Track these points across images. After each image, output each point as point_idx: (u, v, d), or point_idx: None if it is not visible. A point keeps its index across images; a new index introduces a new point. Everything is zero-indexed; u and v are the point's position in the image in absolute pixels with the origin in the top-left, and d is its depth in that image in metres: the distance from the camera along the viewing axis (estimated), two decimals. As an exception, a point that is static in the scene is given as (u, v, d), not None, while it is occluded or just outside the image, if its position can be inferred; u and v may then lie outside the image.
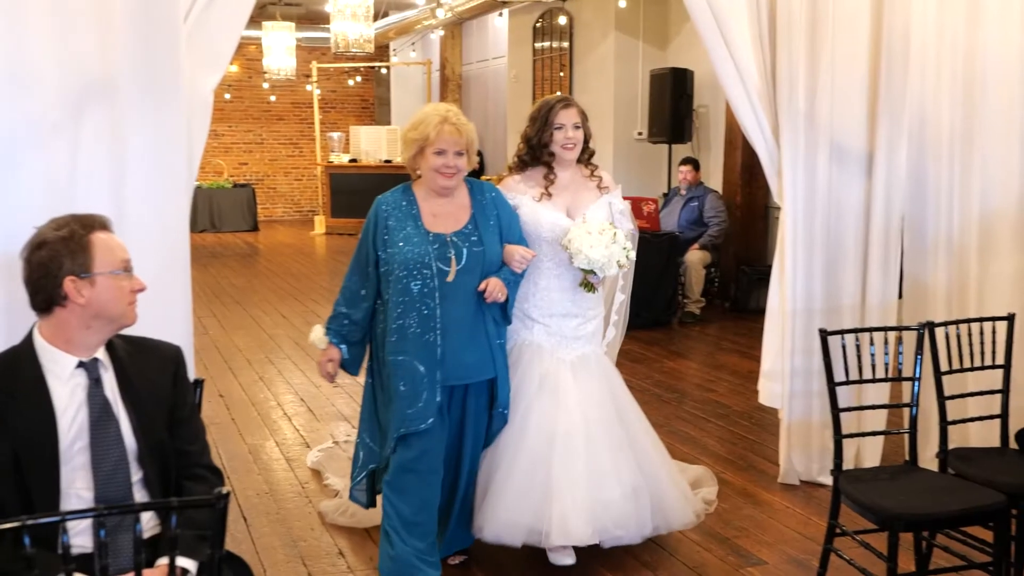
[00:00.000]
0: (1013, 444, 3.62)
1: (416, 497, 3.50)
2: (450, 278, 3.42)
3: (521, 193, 3.75)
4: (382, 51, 17.42)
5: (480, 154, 14.72)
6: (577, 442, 3.59)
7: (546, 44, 12.89)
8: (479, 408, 3.63)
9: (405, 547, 3.49)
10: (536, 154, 3.75)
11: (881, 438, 4.59)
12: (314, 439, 5.34)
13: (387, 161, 15.65)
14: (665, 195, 9.70)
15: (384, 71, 18.61)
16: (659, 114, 9.98)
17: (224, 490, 1.94)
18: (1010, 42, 4.39)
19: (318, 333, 3.62)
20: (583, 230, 3.58)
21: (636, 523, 3.64)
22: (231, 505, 2.04)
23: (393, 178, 17.99)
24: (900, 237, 4.56)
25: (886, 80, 4.41)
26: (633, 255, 3.69)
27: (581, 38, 11.89)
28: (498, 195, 3.66)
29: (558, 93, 3.75)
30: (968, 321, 3.67)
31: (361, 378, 3.76)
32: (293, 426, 5.62)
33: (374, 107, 19.31)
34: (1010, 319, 3.67)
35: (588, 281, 3.69)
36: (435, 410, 3.45)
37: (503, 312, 3.62)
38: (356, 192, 15.46)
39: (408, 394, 3.45)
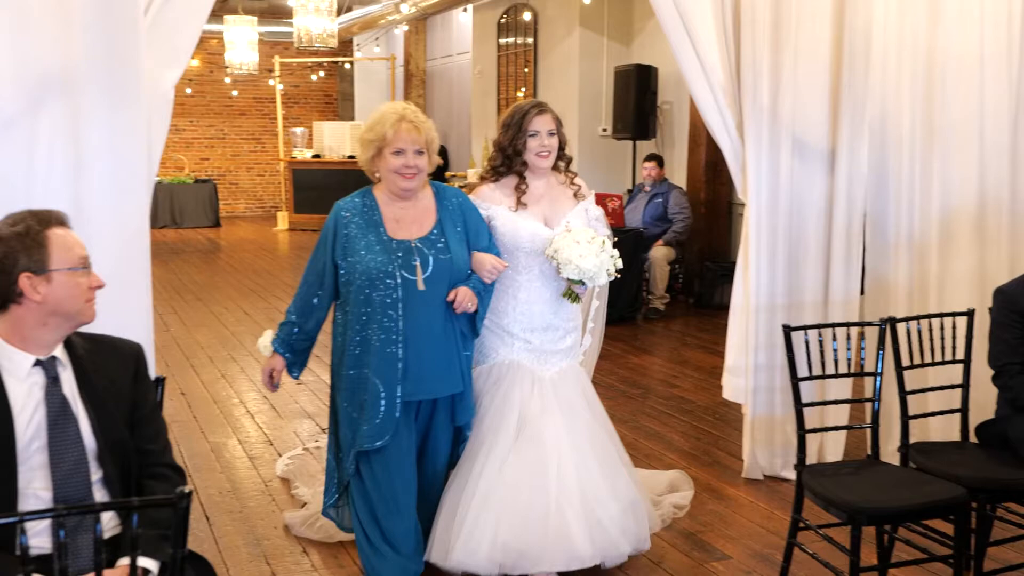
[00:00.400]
0: (973, 438, 3.67)
1: (385, 517, 3.37)
2: (420, 286, 3.27)
3: (496, 203, 3.61)
4: (346, 46, 17.32)
5: (444, 150, 14.68)
6: (568, 461, 3.47)
7: (511, 40, 12.87)
8: (445, 424, 3.50)
9: (385, 564, 3.37)
10: (510, 162, 3.62)
11: (843, 433, 4.64)
12: (277, 436, 5.30)
13: (351, 157, 15.52)
14: (629, 191, 9.73)
15: (348, 66, 18.49)
16: (623, 110, 10.01)
17: (186, 489, 1.91)
18: (969, 42, 4.45)
19: (265, 339, 3.50)
20: (570, 240, 3.45)
21: (636, 538, 3.58)
22: (193, 504, 2.01)
23: (357, 174, 17.88)
24: (862, 233, 4.60)
25: (848, 77, 4.45)
26: (621, 263, 3.55)
27: (546, 34, 11.89)
28: (465, 200, 3.51)
29: (532, 99, 3.72)
30: (929, 317, 3.72)
31: (309, 376, 3.68)
32: (256, 424, 5.56)
33: (337, 102, 19.19)
34: (970, 315, 3.72)
35: (573, 291, 3.58)
36: (393, 427, 3.30)
37: (471, 324, 3.46)
38: (319, 188, 15.38)
39: (365, 410, 3.31)
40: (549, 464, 3.45)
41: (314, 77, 18.66)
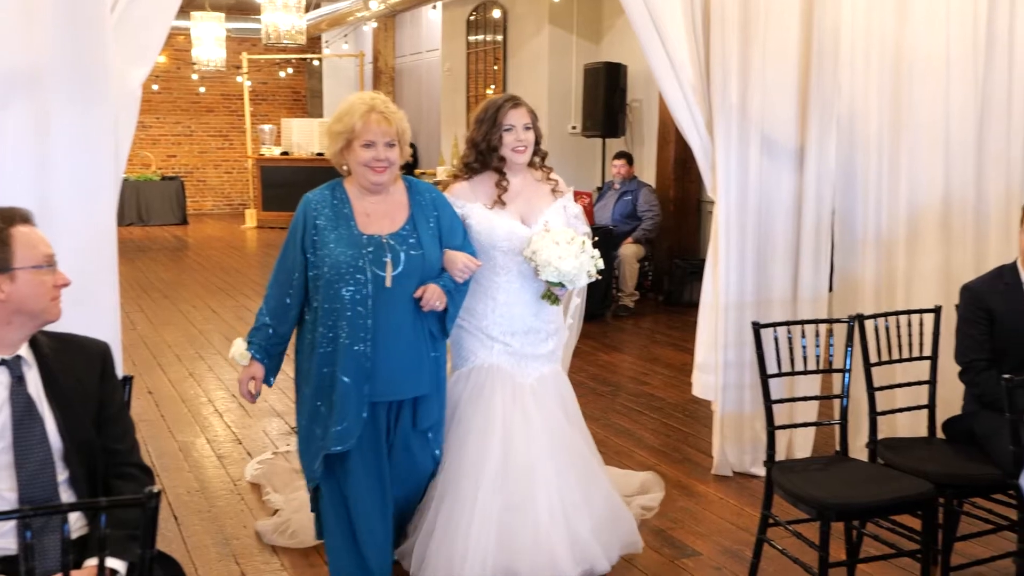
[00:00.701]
0: (940, 434, 3.71)
1: (355, 520, 3.28)
2: (388, 283, 3.14)
3: (471, 201, 3.48)
4: (314, 43, 17.22)
5: (413, 147, 14.65)
6: (551, 478, 3.38)
7: (480, 37, 12.85)
8: (410, 428, 3.34)
9: (354, 567, 3.29)
10: (485, 159, 3.48)
11: (812, 429, 4.68)
12: (246, 435, 5.26)
13: (319, 154, 15.44)
14: (599, 189, 9.75)
15: (316, 63, 18.39)
16: (593, 108, 10.03)
17: (155, 489, 1.89)
18: (936, 42, 4.49)
19: (240, 348, 3.28)
20: (549, 240, 3.32)
21: (621, 546, 3.54)
22: (161, 504, 1.98)
23: (325, 171, 17.77)
24: (830, 231, 4.64)
25: (816, 76, 4.48)
26: (602, 263, 3.42)
27: (515, 32, 11.88)
28: (438, 196, 3.38)
29: (506, 93, 3.68)
30: (896, 313, 3.75)
31: (279, 374, 3.54)
32: (224, 422, 5.52)
33: (306, 99, 19.07)
34: (937, 311, 3.76)
35: (552, 293, 3.46)
36: (359, 429, 3.18)
37: (441, 324, 3.33)
38: (287, 185, 15.25)
39: (335, 410, 3.18)
40: (536, 484, 3.35)
41: (282, 74, 18.51)
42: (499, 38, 12.26)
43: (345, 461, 3.26)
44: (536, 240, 3.36)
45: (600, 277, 3.47)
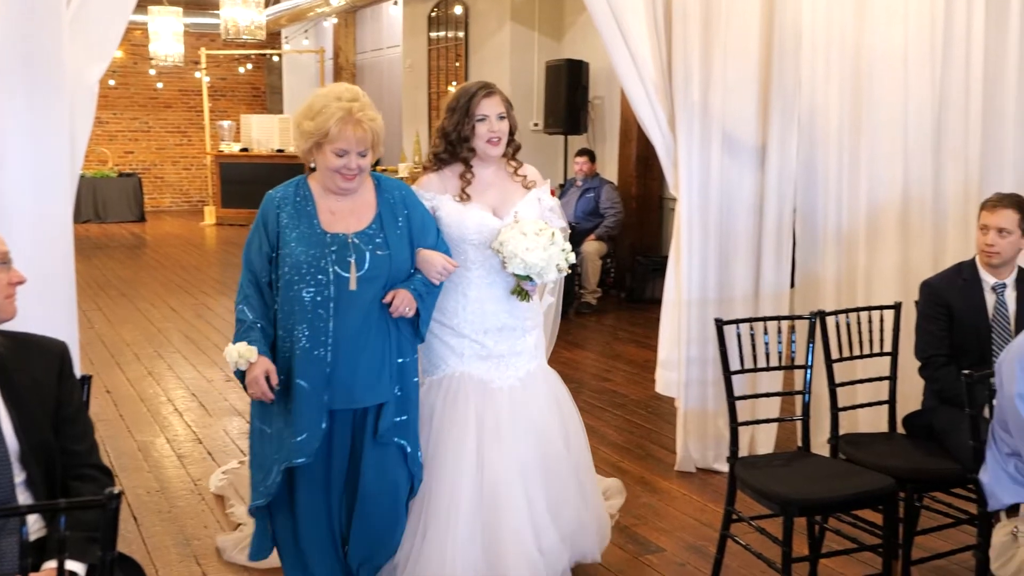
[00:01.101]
0: (901, 429, 3.75)
1: (306, 539, 3.11)
2: (352, 285, 2.95)
3: (440, 192, 3.30)
4: (274, 38, 17.06)
5: (375, 144, 14.52)
6: (517, 490, 3.22)
7: (441, 34, 12.81)
8: (372, 440, 3.10)
9: None
10: (455, 149, 3.30)
11: (775, 425, 4.71)
12: (207, 435, 5.19)
13: (279, 151, 15.33)
14: (561, 186, 9.75)
15: (276, 59, 18.22)
16: (555, 105, 10.03)
17: (115, 490, 1.85)
18: (895, 41, 4.54)
19: (240, 348, 2.94)
20: (516, 231, 3.17)
21: (582, 555, 3.44)
22: (120, 504, 1.96)
23: (286, 168, 17.57)
24: (792, 228, 4.68)
25: (777, 74, 4.52)
26: (573, 257, 3.27)
27: (477, 28, 11.85)
28: (408, 193, 3.18)
29: (479, 80, 3.41)
30: (857, 310, 3.79)
31: None
32: (184, 422, 5.44)
33: (266, 95, 18.89)
34: (897, 308, 3.80)
35: (522, 288, 3.28)
36: (319, 439, 2.99)
37: (414, 328, 3.13)
38: (247, 182, 15.12)
39: (293, 419, 2.98)
40: (502, 509, 3.19)
41: (241, 70, 18.33)
42: (461, 34, 12.22)
43: (300, 475, 3.06)
44: (504, 231, 3.21)
45: (571, 271, 3.36)
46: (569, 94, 9.80)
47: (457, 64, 12.39)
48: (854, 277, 4.67)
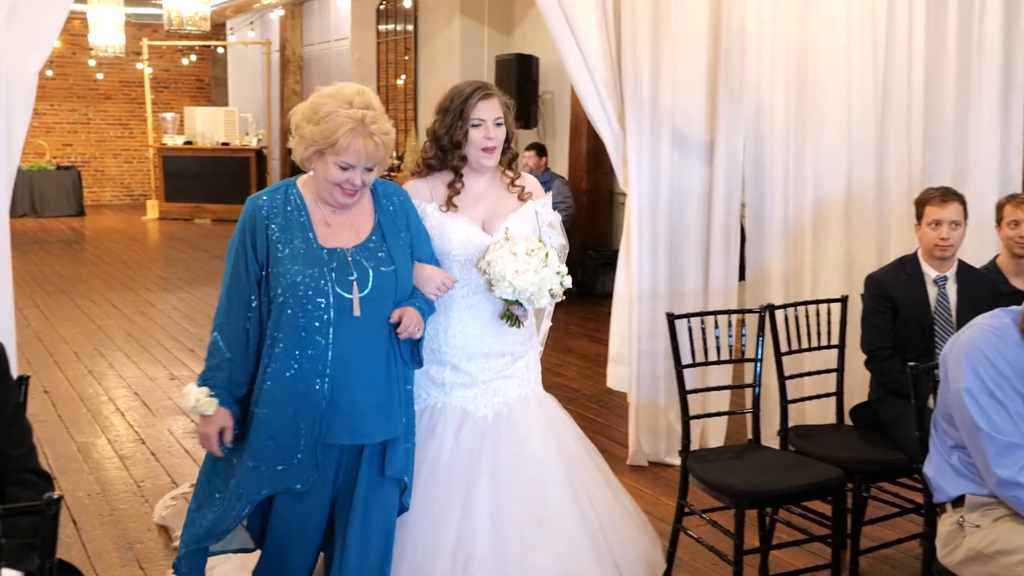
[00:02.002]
0: (848, 420, 3.79)
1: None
2: (356, 311, 2.59)
3: (426, 200, 2.97)
4: (219, 29, 16.79)
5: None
6: (487, 532, 2.85)
7: (390, 27, 12.71)
8: (374, 476, 2.72)
9: None
10: (445, 156, 2.97)
11: (725, 418, 4.74)
12: (150, 435, 5.08)
13: (224, 144, 15.12)
14: (511, 181, 9.73)
15: (221, 50, 17.94)
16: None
17: (55, 495, 1.79)
18: (838, 41, 4.59)
19: (200, 395, 2.61)
20: (505, 251, 2.85)
21: None
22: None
23: (232, 162, 17.29)
24: (739, 223, 4.71)
25: (724, 71, 4.55)
26: (568, 281, 2.93)
27: (426, 22, 11.78)
28: (406, 199, 2.84)
29: (475, 80, 3.05)
30: (805, 303, 3.82)
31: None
32: (127, 422, 5.33)
33: (210, 87, 18.61)
34: (843, 301, 3.84)
35: (511, 314, 2.96)
36: (312, 471, 2.64)
37: (413, 351, 2.77)
38: (191, 176, 14.91)
39: (279, 448, 2.62)
40: (480, 536, 2.84)
41: (185, 61, 18.01)
42: (410, 28, 12.14)
43: (279, 507, 2.73)
44: (492, 250, 2.88)
45: (565, 297, 2.98)
46: (519, 89, 9.78)
47: (407, 58, 12.31)
48: (801, 271, 4.71)
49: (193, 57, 18.07)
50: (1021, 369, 2.45)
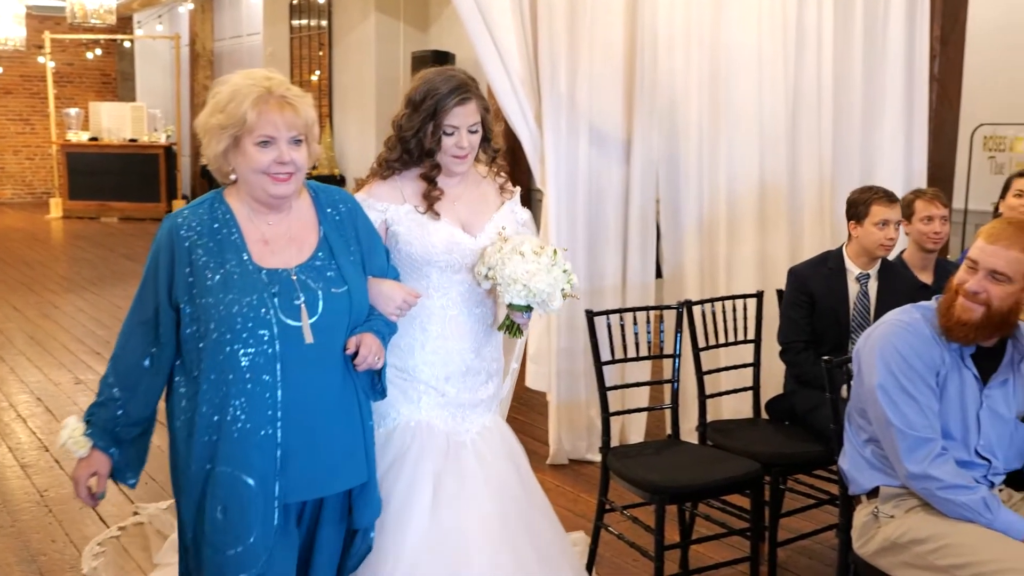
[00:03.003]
0: (765, 414, 3.84)
1: None
2: (308, 338, 2.24)
3: (397, 203, 2.65)
4: (125, 23, 16.34)
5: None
6: (486, 559, 2.57)
7: (304, 22, 12.52)
8: (336, 529, 2.42)
9: None
10: (411, 158, 2.67)
11: (645, 414, 4.76)
12: (54, 442, 4.88)
13: (132, 140, 14.70)
14: (428, 178, 9.68)
15: (128, 44, 17.44)
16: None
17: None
18: (749, 39, 4.66)
19: (75, 432, 2.30)
20: (510, 250, 2.59)
21: None
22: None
23: (140, 159, 16.86)
24: (655, 219, 4.74)
25: (640, 68, 4.56)
26: (576, 280, 2.71)
27: (340, 17, 11.63)
28: (354, 207, 2.47)
29: (450, 72, 2.68)
30: (722, 299, 3.86)
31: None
32: (29, 429, 5.11)
33: (116, 82, 18.07)
34: (759, 296, 3.89)
35: (512, 322, 2.69)
36: (270, 543, 2.25)
37: (373, 381, 2.42)
38: (97, 173, 14.47)
39: (231, 525, 2.23)
40: (469, 558, 2.56)
41: (90, 55, 17.42)
42: (324, 23, 11.98)
43: None
44: (492, 252, 2.62)
45: (577, 296, 2.78)
46: (435, 85, 9.72)
47: (321, 53, 12.14)
48: (716, 267, 4.76)
49: (98, 51, 17.50)
50: (931, 363, 2.50)
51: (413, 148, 2.64)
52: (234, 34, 15.79)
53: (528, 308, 2.64)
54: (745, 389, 3.88)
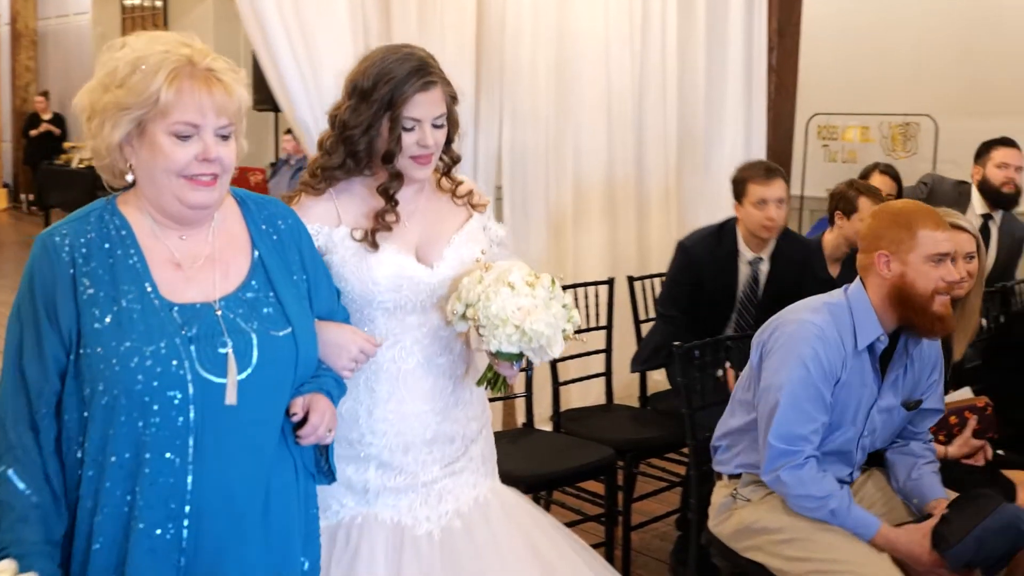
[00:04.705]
0: (617, 400, 3.88)
1: None
2: (230, 399, 1.62)
3: (332, 224, 2.04)
4: (-65, -2, 15.16)
5: (62, 121, 13.34)
6: None
7: (136, 2, 11.94)
8: None
9: None
10: (357, 162, 2.05)
11: (500, 403, 4.73)
12: None
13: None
14: (272, 165, 9.37)
15: (-62, 22, 16.20)
16: (264, 81, 9.51)
17: None
18: (596, 23, 4.70)
19: (7, 573, 1.54)
20: (493, 280, 1.96)
21: None
22: None
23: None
24: (497, 207, 4.71)
25: (486, 53, 4.51)
26: (577, 316, 2.04)
27: (175, -2, 11.15)
28: (296, 223, 1.86)
29: (407, 50, 2.08)
30: (575, 287, 3.84)
31: None
32: None
33: (-73, 63, 16.77)
34: (610, 283, 3.92)
35: (496, 375, 2.07)
36: None
37: (318, 459, 1.84)
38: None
39: None
40: None
41: None
42: (159, 3, 11.45)
43: None
44: (471, 284, 1.98)
45: (583, 341, 2.28)
46: (277, 70, 9.42)
47: (154, 35, 11.60)
48: (564, 255, 4.77)
49: (-95, 28, 16.21)
50: (833, 374, 2.41)
51: (361, 151, 2.03)
52: (60, 13, 14.90)
53: (519, 356, 2.00)
54: (598, 375, 3.91)
